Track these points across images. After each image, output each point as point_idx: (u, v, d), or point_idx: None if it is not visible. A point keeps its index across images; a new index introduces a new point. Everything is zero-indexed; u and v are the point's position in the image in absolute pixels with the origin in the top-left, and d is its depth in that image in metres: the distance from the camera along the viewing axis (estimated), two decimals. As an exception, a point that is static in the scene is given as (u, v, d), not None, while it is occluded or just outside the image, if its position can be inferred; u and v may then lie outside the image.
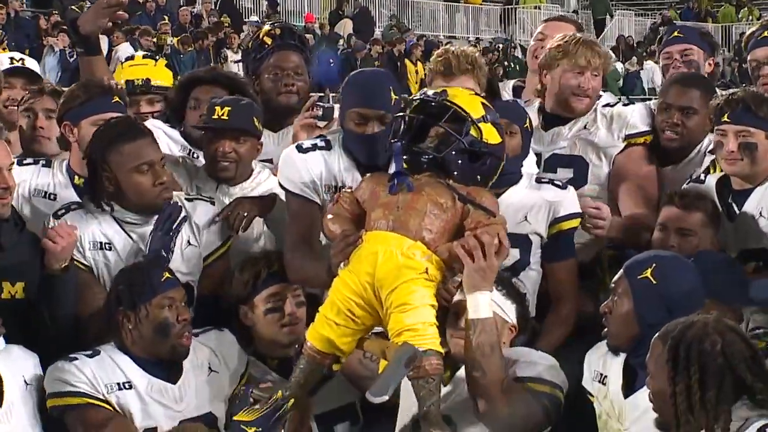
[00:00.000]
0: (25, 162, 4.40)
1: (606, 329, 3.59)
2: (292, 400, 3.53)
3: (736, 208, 4.24)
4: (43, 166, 4.41)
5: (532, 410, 3.60)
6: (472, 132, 3.51)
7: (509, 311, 3.80)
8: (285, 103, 4.80)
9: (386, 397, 3.24)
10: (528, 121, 4.26)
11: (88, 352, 3.82)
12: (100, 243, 4.11)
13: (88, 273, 4.09)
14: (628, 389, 3.54)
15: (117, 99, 4.36)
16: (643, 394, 3.35)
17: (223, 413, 3.88)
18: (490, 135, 3.56)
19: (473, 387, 3.50)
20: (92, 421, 3.74)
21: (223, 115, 4.37)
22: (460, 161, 3.51)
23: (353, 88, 4.09)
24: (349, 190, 3.65)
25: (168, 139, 4.78)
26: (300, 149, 4.10)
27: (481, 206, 3.47)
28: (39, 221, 4.18)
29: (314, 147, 4.09)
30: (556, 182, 4.29)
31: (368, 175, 3.71)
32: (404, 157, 3.51)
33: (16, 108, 4.75)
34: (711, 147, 4.46)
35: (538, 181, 4.28)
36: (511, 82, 5.61)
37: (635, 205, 4.51)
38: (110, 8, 4.63)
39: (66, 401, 3.74)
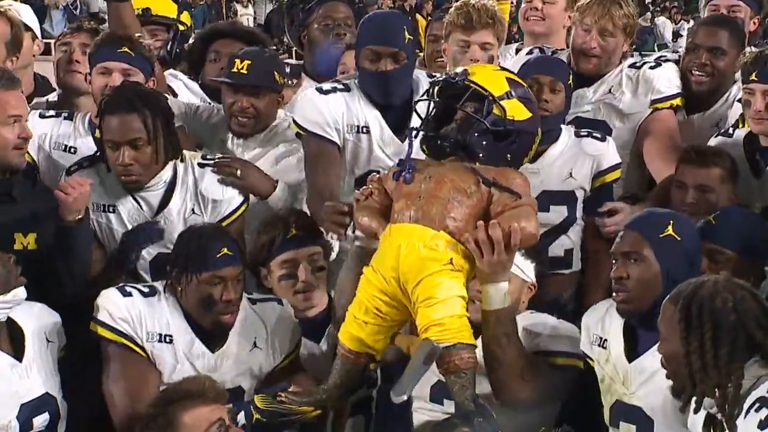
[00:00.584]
0: (47, 114, 4.42)
1: (620, 295, 3.53)
2: (309, 413, 3.51)
3: (763, 164, 4.24)
4: (65, 118, 4.42)
5: (554, 385, 3.61)
6: (495, 111, 3.39)
7: (528, 270, 3.79)
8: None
9: (404, 398, 3.19)
10: (570, 77, 4.29)
11: (146, 290, 3.82)
12: (104, 206, 4.11)
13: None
14: (632, 353, 3.53)
15: (126, 49, 4.31)
16: (648, 358, 3.38)
17: (253, 388, 3.85)
18: (516, 111, 3.43)
19: (490, 377, 3.47)
20: (121, 361, 3.76)
21: (242, 69, 4.36)
22: (484, 142, 3.39)
23: (367, 26, 4.21)
24: (378, 181, 3.52)
25: (188, 92, 4.81)
26: (321, 91, 4.16)
27: (506, 188, 3.34)
28: (59, 174, 4.20)
29: (334, 89, 4.16)
30: (595, 134, 4.32)
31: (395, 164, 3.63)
32: (428, 143, 3.42)
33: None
34: (740, 95, 4.43)
35: (577, 135, 4.30)
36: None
37: (666, 166, 4.47)
38: None
39: (105, 333, 3.76)
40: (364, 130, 4.11)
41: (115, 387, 3.73)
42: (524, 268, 3.77)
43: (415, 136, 3.42)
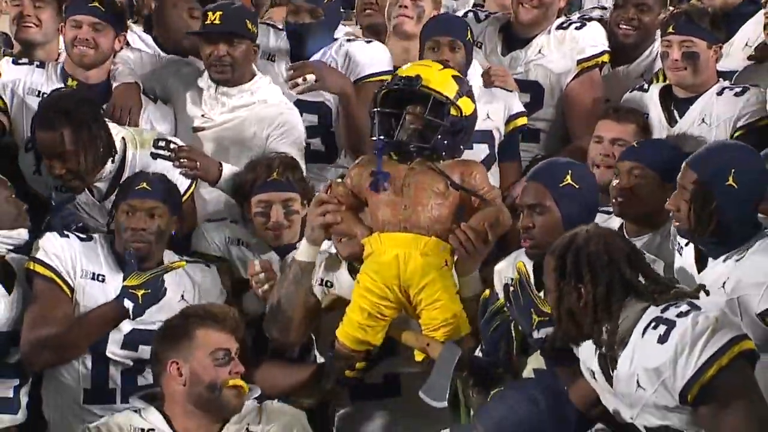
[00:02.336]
0: (20, 62, 4.65)
1: (527, 242, 3.75)
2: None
3: (677, 115, 4.59)
4: (37, 66, 4.64)
5: None
6: (452, 112, 3.57)
7: None
8: None
9: (445, 404, 3.45)
10: (469, 32, 4.62)
11: (83, 235, 4.13)
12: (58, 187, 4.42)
13: None
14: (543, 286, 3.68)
15: (97, 3, 4.54)
16: None
17: None
18: (467, 107, 3.62)
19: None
20: (42, 289, 4.04)
21: (215, 19, 4.51)
22: (446, 142, 3.59)
23: None
24: (340, 182, 3.72)
25: (143, 45, 4.98)
26: None
27: (475, 194, 3.60)
28: (30, 120, 4.47)
29: None
30: (500, 86, 4.74)
31: (354, 164, 3.77)
32: (395, 150, 3.58)
33: None
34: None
35: (486, 85, 4.71)
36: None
37: (585, 129, 4.75)
38: None
39: (36, 268, 4.03)
40: None
41: (29, 311, 4.00)
42: None
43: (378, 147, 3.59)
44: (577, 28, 5.01)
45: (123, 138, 4.37)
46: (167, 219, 4.11)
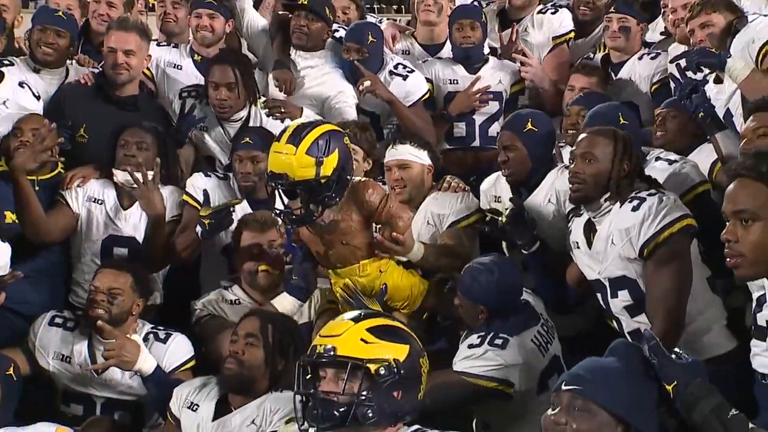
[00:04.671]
0: (161, 44, 6.05)
1: (505, 172, 4.59)
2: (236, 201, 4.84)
3: (613, 75, 5.86)
4: (173, 47, 6.04)
5: (467, 245, 4.67)
6: (322, 182, 3.97)
7: (424, 157, 4.82)
8: None
9: None
10: (484, 14, 5.99)
11: (221, 175, 5.34)
12: (201, 126, 5.57)
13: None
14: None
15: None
16: (533, 198, 4.54)
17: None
18: (331, 164, 3.99)
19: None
20: (188, 216, 5.15)
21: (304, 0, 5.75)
22: (334, 195, 4.07)
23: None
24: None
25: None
26: None
27: (378, 229, 4.21)
28: (170, 84, 5.89)
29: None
30: (506, 60, 6.18)
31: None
32: (300, 223, 4.14)
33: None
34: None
35: (499, 58, 6.06)
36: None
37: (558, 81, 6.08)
38: None
39: (185, 197, 5.22)
40: None
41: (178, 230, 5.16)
42: (421, 156, 4.81)
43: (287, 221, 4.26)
44: (552, 13, 6.33)
45: None
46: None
